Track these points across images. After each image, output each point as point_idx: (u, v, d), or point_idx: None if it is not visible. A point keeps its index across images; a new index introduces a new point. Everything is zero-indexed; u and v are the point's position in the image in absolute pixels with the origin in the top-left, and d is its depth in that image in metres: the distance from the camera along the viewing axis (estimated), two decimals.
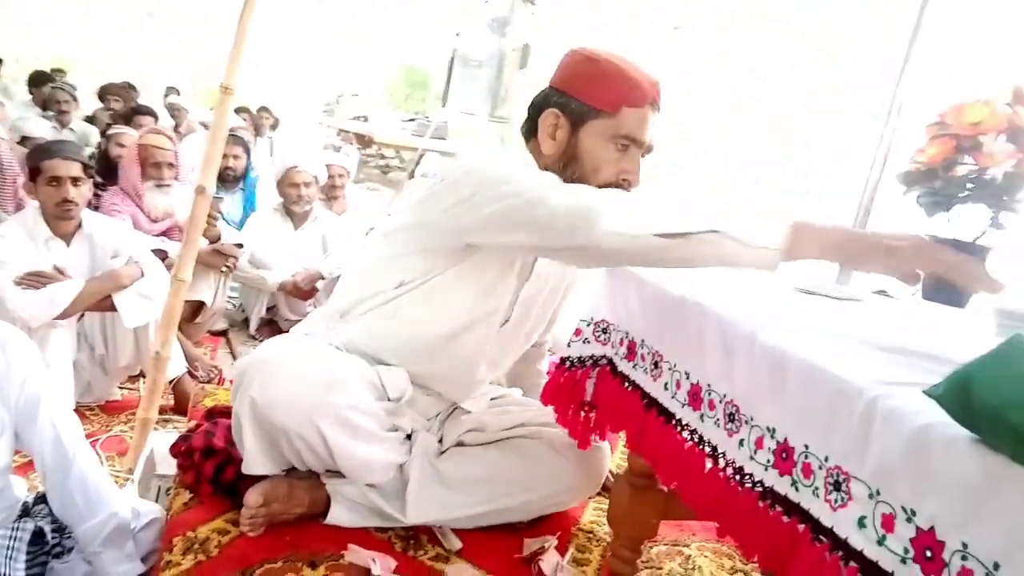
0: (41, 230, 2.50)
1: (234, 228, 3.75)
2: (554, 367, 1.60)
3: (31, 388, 1.47)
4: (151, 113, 5.21)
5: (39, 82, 6.75)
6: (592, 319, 1.54)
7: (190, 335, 3.22)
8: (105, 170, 3.66)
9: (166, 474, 1.86)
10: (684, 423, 1.24)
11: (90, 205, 2.72)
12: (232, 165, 4.05)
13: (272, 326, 3.81)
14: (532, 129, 1.61)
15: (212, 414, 1.85)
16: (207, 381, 2.91)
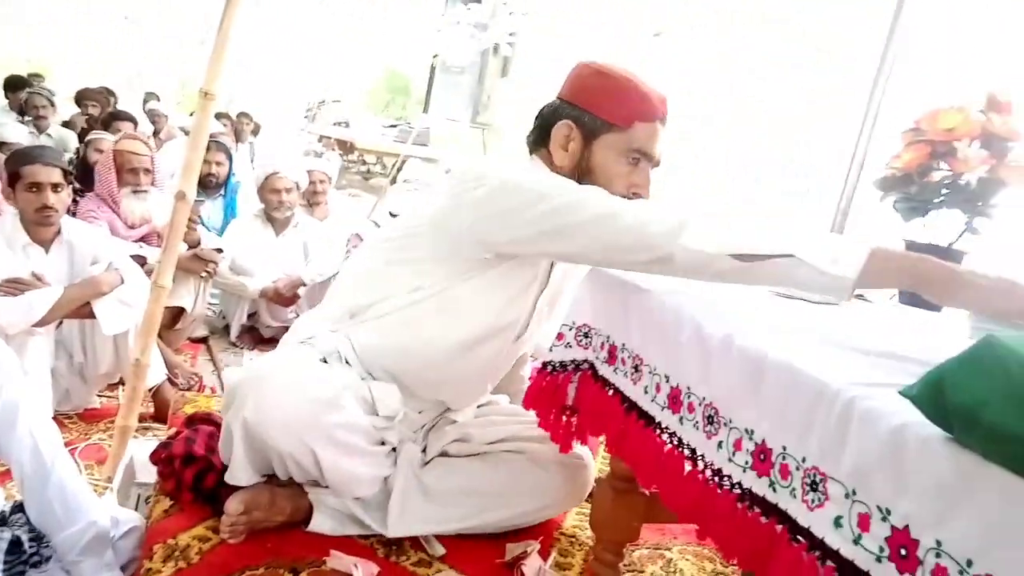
0: (19, 236, 2.47)
1: (215, 234, 3.73)
2: (536, 372, 1.60)
3: (9, 396, 1.46)
4: (130, 118, 5.17)
5: (16, 87, 6.67)
6: (574, 323, 1.55)
7: (170, 342, 3.20)
8: (83, 176, 3.63)
9: (146, 482, 1.84)
10: (664, 426, 1.25)
11: (68, 211, 2.70)
12: (215, 172, 4.04)
13: (253, 333, 3.78)
14: (539, 140, 1.62)
15: (192, 421, 1.84)
16: (187, 388, 2.90)
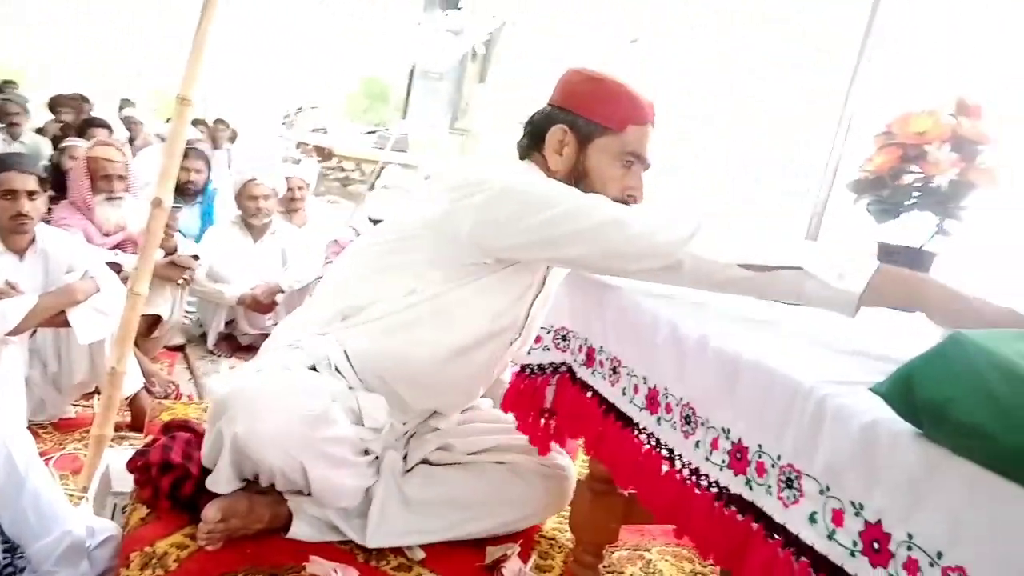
0: None
1: (192, 241, 3.70)
2: (514, 375, 1.61)
3: None
4: (104, 125, 5.13)
5: None
6: (552, 326, 1.55)
7: (146, 350, 3.16)
8: (57, 183, 3.60)
9: (122, 491, 1.82)
10: (642, 427, 1.26)
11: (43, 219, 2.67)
12: (193, 179, 4.02)
13: (231, 341, 3.76)
14: (531, 145, 1.64)
15: (169, 428, 1.82)
16: (164, 397, 2.87)
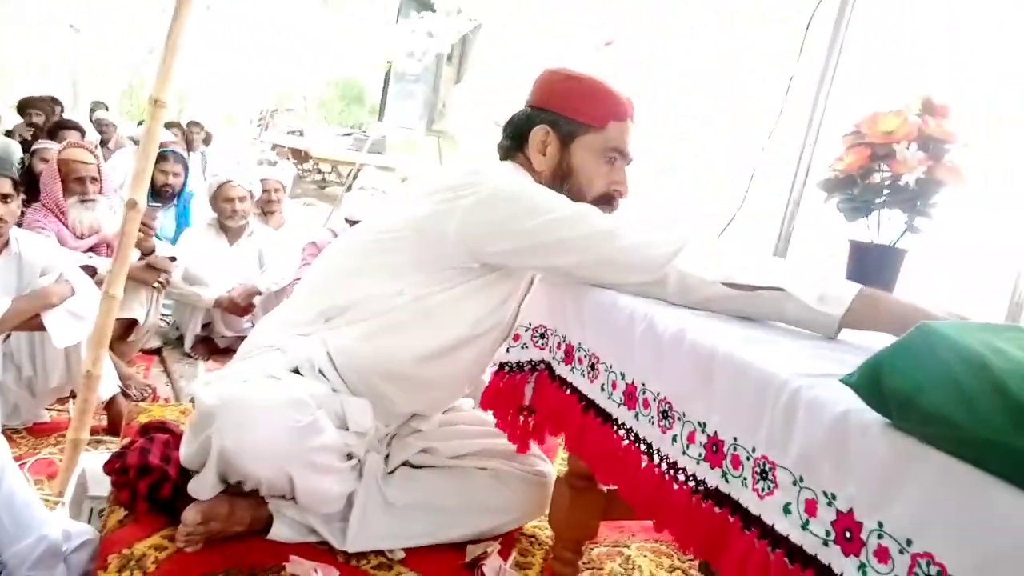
0: None
1: (168, 243, 3.67)
2: (493, 373, 1.62)
3: None
4: (76, 127, 5.07)
5: None
6: (530, 324, 1.56)
7: (122, 354, 3.14)
8: (29, 186, 3.56)
9: (98, 495, 1.80)
10: (620, 423, 1.27)
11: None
12: (171, 182, 4.02)
13: (208, 343, 3.73)
14: (513, 147, 1.65)
15: (147, 430, 1.81)
16: (140, 400, 2.85)
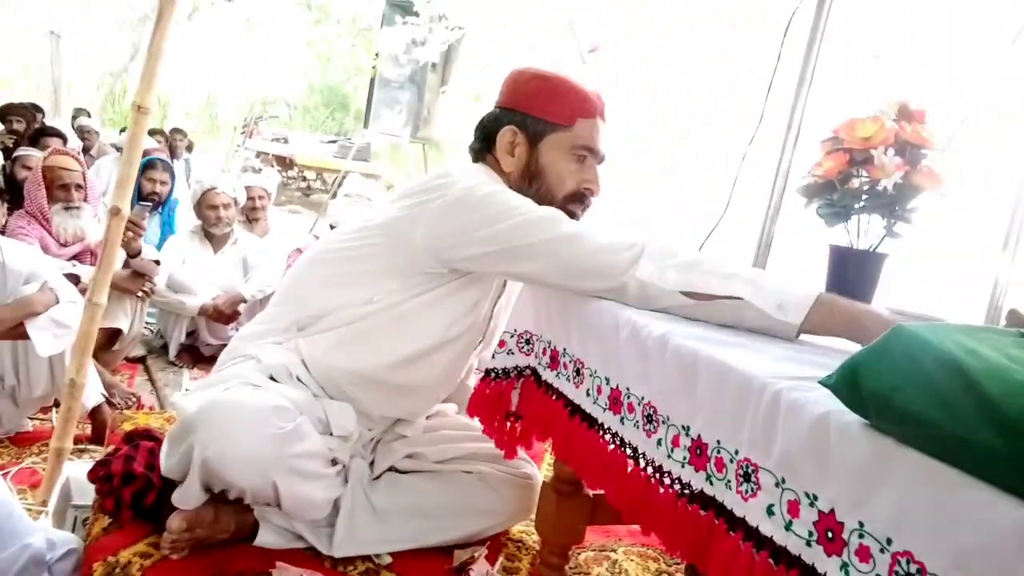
0: None
1: (153, 248, 3.65)
2: (479, 380, 1.62)
3: None
4: (59, 134, 5.04)
5: None
6: (515, 330, 1.57)
7: (106, 362, 3.12)
8: (11, 193, 3.53)
9: (82, 504, 1.79)
10: (606, 427, 1.28)
11: None
12: (158, 191, 4.02)
13: (192, 352, 3.71)
14: (482, 149, 1.66)
15: (131, 437, 1.79)
16: (125, 408, 2.83)
